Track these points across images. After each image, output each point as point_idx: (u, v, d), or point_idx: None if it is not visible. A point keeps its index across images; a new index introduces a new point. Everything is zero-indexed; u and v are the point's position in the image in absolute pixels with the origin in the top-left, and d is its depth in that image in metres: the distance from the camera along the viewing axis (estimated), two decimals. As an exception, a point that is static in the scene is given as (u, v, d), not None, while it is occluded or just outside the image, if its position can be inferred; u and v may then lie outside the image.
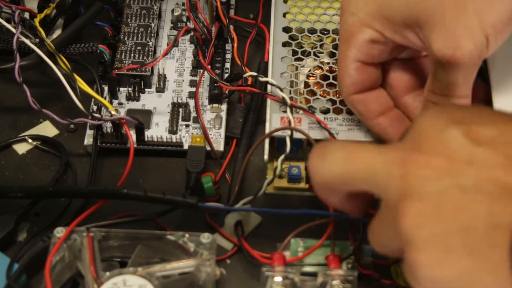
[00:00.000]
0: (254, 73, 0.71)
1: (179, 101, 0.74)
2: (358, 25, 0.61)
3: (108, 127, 0.72)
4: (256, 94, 0.73)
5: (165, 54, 0.74)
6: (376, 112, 0.64)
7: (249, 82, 0.74)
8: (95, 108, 0.73)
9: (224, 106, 0.74)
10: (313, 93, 0.70)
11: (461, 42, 0.57)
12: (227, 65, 0.77)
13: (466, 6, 0.57)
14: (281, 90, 0.68)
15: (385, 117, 0.65)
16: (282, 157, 0.66)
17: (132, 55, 0.76)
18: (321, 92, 0.70)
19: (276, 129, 0.66)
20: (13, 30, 0.72)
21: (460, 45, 0.57)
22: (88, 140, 0.72)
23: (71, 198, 0.68)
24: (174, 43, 0.75)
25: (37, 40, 0.72)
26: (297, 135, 0.66)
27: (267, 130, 0.67)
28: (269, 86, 0.70)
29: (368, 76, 0.64)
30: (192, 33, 0.78)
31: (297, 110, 0.68)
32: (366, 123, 0.66)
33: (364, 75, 0.63)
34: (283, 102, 0.68)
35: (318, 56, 0.72)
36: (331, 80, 0.70)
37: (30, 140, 0.73)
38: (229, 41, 0.77)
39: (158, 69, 0.76)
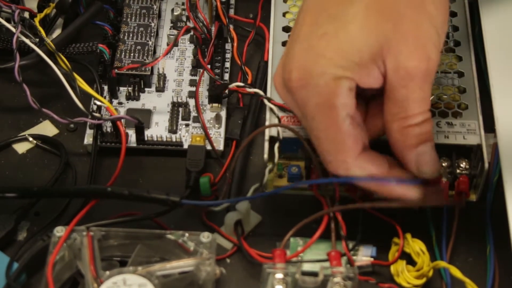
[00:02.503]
0: (241, 83, 0.71)
1: (179, 100, 0.74)
2: (333, 81, 0.58)
3: (108, 126, 0.72)
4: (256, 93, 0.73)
5: (166, 54, 0.74)
6: (386, 164, 0.62)
7: (249, 81, 0.74)
8: (95, 107, 0.73)
9: (223, 106, 0.74)
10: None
11: (430, 53, 0.59)
12: (227, 64, 0.77)
13: (421, 19, 0.59)
14: (269, 100, 0.68)
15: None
16: (277, 144, 0.66)
17: (132, 54, 0.76)
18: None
19: (272, 125, 0.66)
20: (13, 29, 0.72)
21: (430, 56, 0.59)
22: (88, 139, 0.72)
23: (56, 198, 0.68)
24: (175, 43, 0.75)
25: (37, 39, 0.73)
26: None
27: (267, 130, 0.67)
28: (268, 90, 0.70)
29: (361, 129, 0.61)
30: (192, 33, 0.78)
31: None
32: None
33: (359, 129, 0.60)
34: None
35: (317, 56, 0.72)
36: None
37: (30, 140, 0.73)
38: (229, 40, 0.77)
39: (158, 69, 0.76)
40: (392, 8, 0.58)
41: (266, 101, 0.68)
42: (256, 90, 0.70)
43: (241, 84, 0.71)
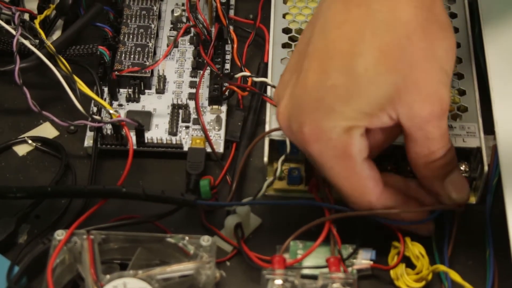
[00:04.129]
0: (247, 73, 0.71)
1: (179, 102, 0.74)
2: (345, 132, 0.59)
3: (108, 128, 0.72)
4: (256, 94, 0.73)
5: (166, 55, 0.75)
6: (403, 198, 0.63)
7: (249, 83, 0.74)
8: (95, 109, 0.73)
9: (224, 108, 0.74)
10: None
11: (442, 94, 0.59)
12: (227, 65, 0.77)
13: (431, 66, 0.59)
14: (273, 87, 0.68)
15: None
16: (282, 157, 0.66)
17: (132, 56, 0.76)
18: (321, 94, 0.70)
19: (274, 129, 0.66)
20: (13, 31, 0.72)
21: (442, 97, 0.59)
22: (88, 141, 0.72)
23: (70, 198, 0.68)
24: (175, 43, 0.75)
25: (37, 41, 0.72)
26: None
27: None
28: (268, 89, 0.70)
29: (377, 169, 0.62)
30: (192, 34, 0.78)
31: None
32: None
33: (375, 168, 0.62)
34: None
35: (317, 58, 0.72)
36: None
37: (30, 142, 0.73)
38: (229, 42, 0.77)
39: (158, 71, 0.76)
40: (401, 58, 0.58)
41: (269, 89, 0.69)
42: (263, 79, 0.70)
43: (248, 73, 0.72)
